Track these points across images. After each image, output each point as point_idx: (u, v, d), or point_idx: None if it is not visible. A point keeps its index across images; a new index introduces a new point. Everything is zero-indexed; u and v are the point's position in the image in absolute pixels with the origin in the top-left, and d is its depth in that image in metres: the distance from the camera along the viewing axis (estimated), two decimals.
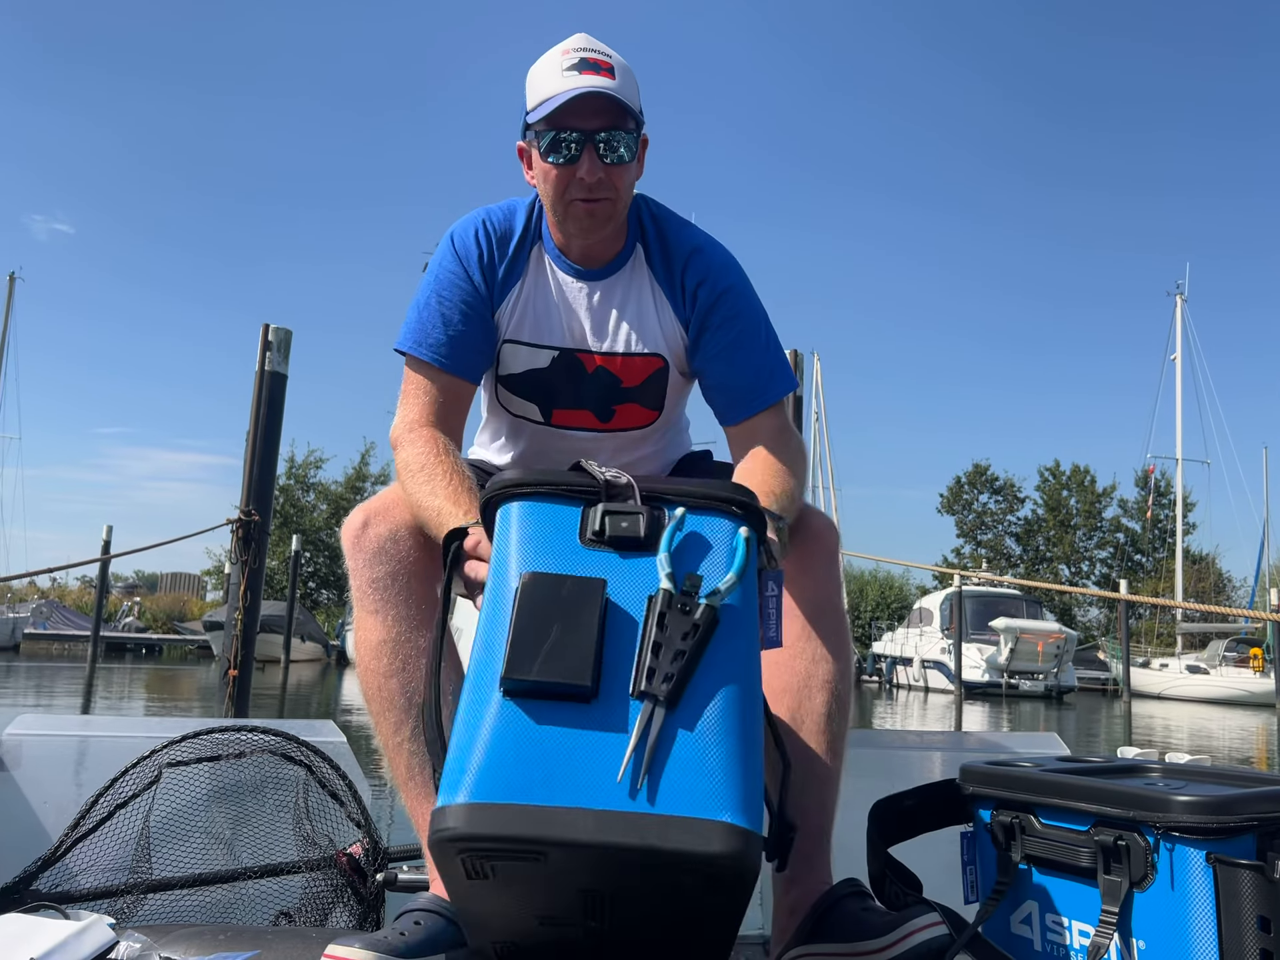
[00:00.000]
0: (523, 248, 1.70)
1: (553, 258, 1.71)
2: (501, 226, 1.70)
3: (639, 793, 1.00)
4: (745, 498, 1.18)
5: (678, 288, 1.70)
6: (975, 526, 48.31)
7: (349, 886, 1.80)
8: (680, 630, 1.06)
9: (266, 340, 6.07)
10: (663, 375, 1.74)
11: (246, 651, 5.89)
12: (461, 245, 1.69)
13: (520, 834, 0.98)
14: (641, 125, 1.62)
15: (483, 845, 0.99)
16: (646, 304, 1.71)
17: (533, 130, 1.60)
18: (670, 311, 1.71)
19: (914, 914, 1.27)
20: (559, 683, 1.03)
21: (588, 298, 1.71)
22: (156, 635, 37.83)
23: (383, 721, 1.54)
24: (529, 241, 1.71)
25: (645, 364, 1.72)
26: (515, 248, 1.70)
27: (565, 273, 1.71)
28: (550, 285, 1.71)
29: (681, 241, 1.71)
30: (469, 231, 1.70)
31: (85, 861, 1.74)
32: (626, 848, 0.98)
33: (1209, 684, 27.65)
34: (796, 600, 1.55)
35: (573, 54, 1.57)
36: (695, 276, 1.69)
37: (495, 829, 0.98)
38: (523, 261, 1.70)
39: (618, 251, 1.70)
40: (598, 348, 1.72)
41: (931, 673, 28.38)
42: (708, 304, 1.68)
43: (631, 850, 0.98)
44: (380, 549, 1.53)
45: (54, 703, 12.88)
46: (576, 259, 1.70)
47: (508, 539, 1.16)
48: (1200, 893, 1.17)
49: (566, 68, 1.55)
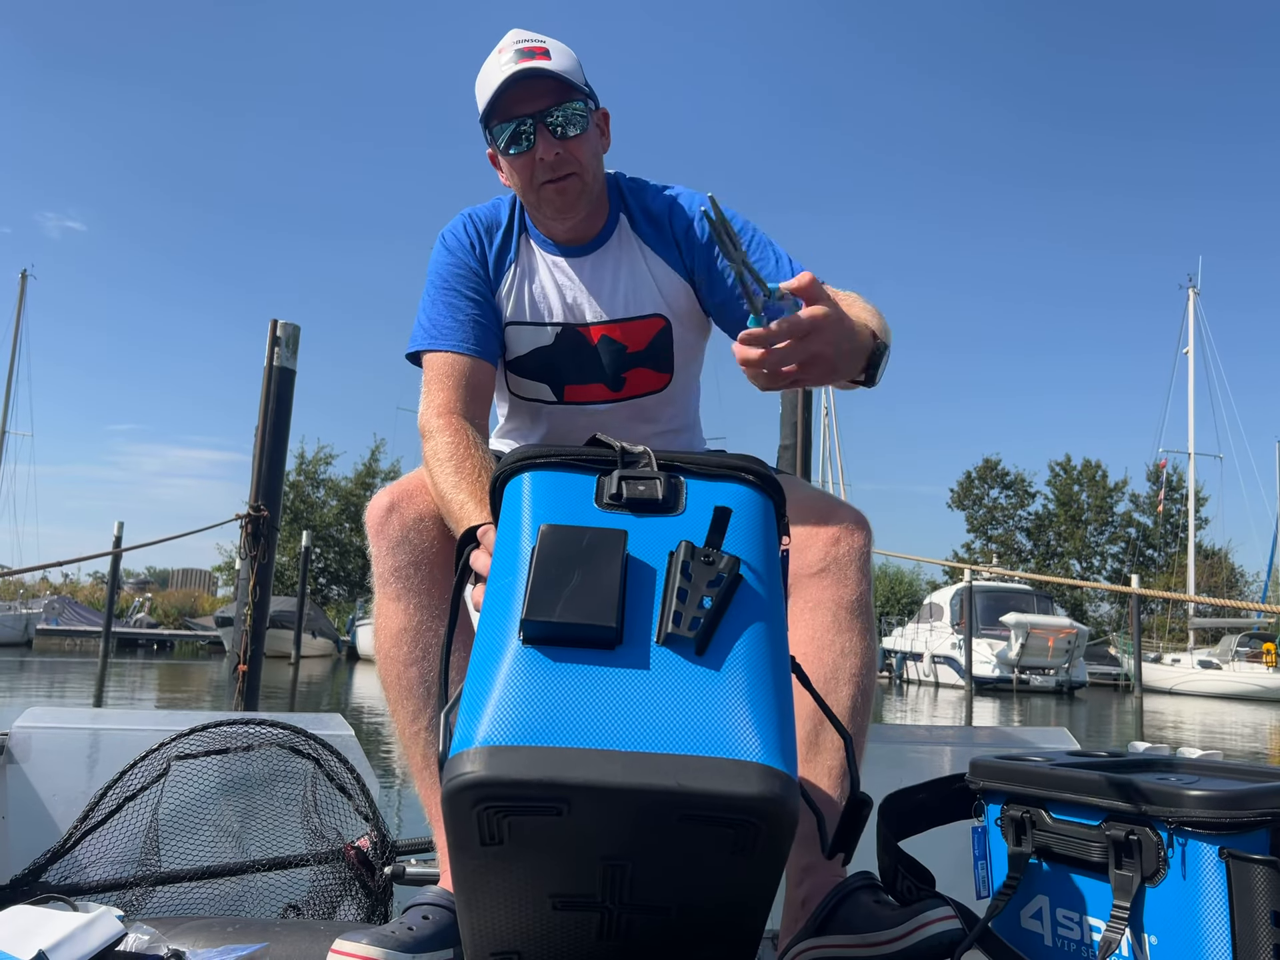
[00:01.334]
0: (510, 237, 1.76)
1: (540, 244, 1.76)
2: (488, 219, 1.77)
3: (669, 736, 0.94)
4: (760, 468, 1.17)
5: (669, 241, 1.74)
6: (986, 522, 48.21)
7: (357, 880, 1.80)
8: (705, 578, 1.03)
9: (275, 336, 6.07)
10: (667, 335, 1.76)
11: (256, 647, 5.91)
12: (453, 239, 1.75)
13: (543, 777, 0.91)
14: (591, 97, 1.66)
15: (502, 791, 0.92)
16: (639, 268, 1.74)
17: (489, 131, 1.65)
18: (666, 269, 1.74)
19: (926, 906, 1.27)
20: (582, 624, 0.98)
21: (580, 272, 1.74)
22: (168, 631, 38.00)
23: (400, 709, 1.54)
24: (515, 231, 1.76)
25: (647, 326, 1.74)
26: (503, 237, 1.76)
27: (555, 254, 1.75)
28: (541, 267, 1.75)
29: (660, 199, 1.76)
30: (458, 226, 1.77)
31: (94, 854, 1.74)
32: (657, 790, 0.91)
33: (1221, 679, 27.55)
34: (828, 593, 1.54)
35: (507, 50, 1.61)
36: (682, 221, 1.73)
37: (516, 772, 0.91)
38: (511, 249, 1.76)
39: (601, 226, 1.74)
40: (597, 318, 1.74)
41: (942, 668, 28.34)
42: (703, 237, 1.72)
43: (662, 793, 0.91)
44: (404, 536, 1.53)
45: (66, 698, 12.95)
46: (563, 240, 1.74)
47: (519, 505, 1.12)
48: (1213, 888, 1.16)
49: (504, 63, 1.60)
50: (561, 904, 1.05)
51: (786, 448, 6.57)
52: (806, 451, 6.58)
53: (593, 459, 1.15)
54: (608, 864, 1.00)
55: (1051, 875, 1.35)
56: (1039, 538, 47.31)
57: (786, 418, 6.58)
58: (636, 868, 1.00)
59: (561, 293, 1.74)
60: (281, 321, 6.12)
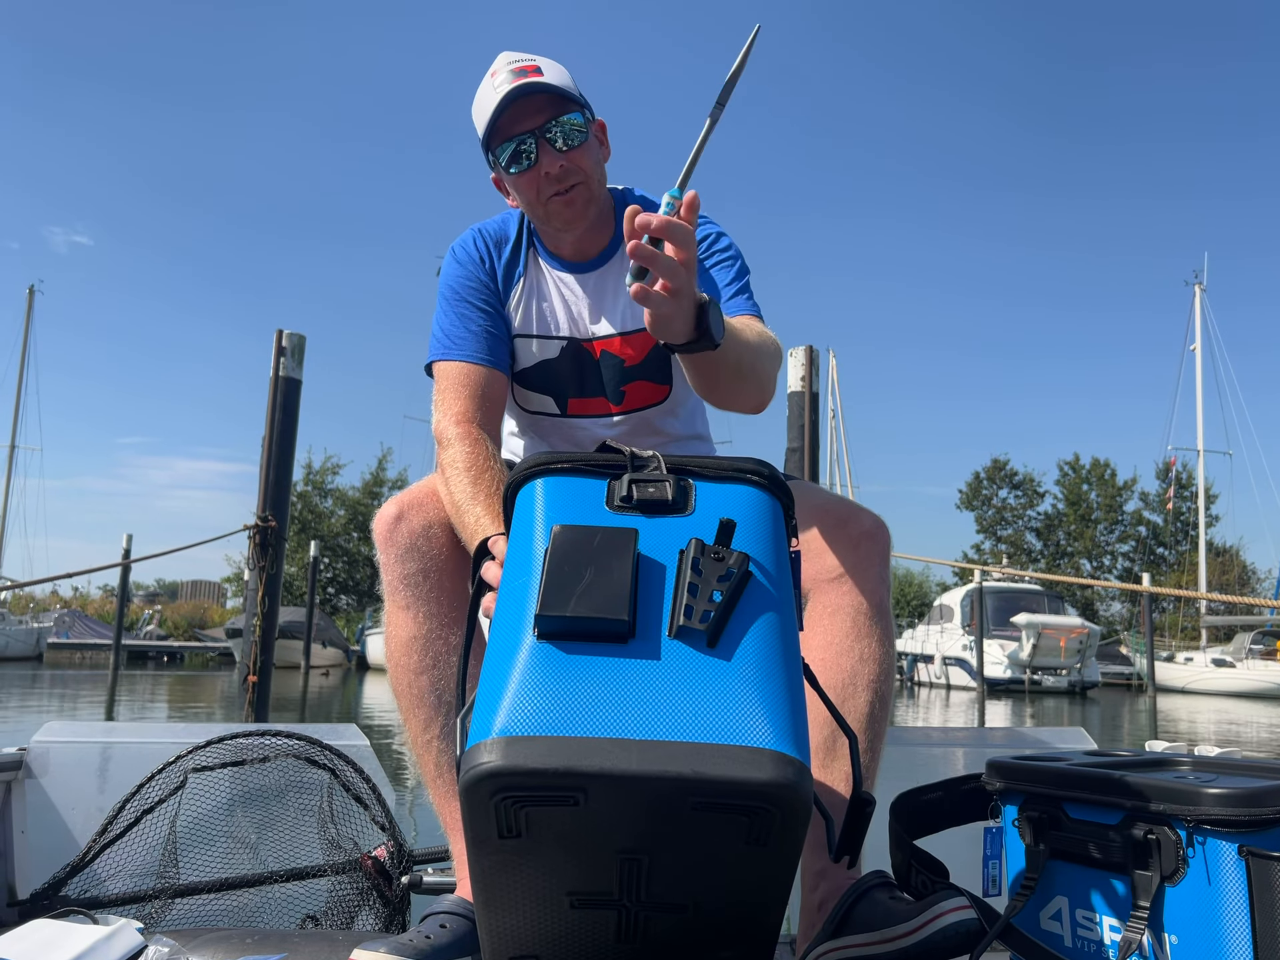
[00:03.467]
0: (518, 251, 1.78)
1: (548, 260, 1.78)
2: (497, 234, 1.80)
3: (682, 724, 0.96)
4: (769, 470, 1.18)
5: None
6: (995, 522, 48.09)
7: (374, 889, 1.80)
8: (716, 574, 1.04)
9: (280, 346, 6.10)
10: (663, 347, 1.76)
11: (266, 657, 5.92)
12: (463, 253, 1.77)
13: (560, 766, 0.92)
14: (587, 108, 1.68)
15: (519, 780, 0.93)
16: None
17: (492, 153, 1.67)
18: None
19: (941, 898, 1.27)
20: (595, 618, 1.00)
21: (584, 288, 1.76)
22: (178, 643, 38.04)
23: (412, 718, 1.54)
24: (524, 246, 1.79)
25: (644, 339, 1.74)
26: (511, 251, 1.78)
27: (561, 270, 1.77)
28: (549, 282, 1.77)
29: None
30: (467, 241, 1.79)
31: (113, 867, 1.75)
32: (671, 777, 0.92)
33: (1235, 677, 27.42)
34: (846, 598, 1.54)
35: (500, 72, 1.63)
36: None
37: (533, 761, 0.92)
38: (520, 264, 1.78)
39: (607, 243, 1.76)
40: (599, 333, 1.76)
41: (953, 670, 28.26)
42: (703, 251, 1.73)
43: (676, 780, 0.92)
44: (413, 545, 1.54)
45: (78, 710, 12.98)
46: (570, 257, 1.76)
47: (532, 510, 1.14)
48: (1233, 886, 1.16)
49: (498, 85, 1.62)
50: (579, 902, 1.06)
51: (794, 451, 6.57)
52: (814, 454, 6.58)
53: (603, 464, 1.17)
54: (624, 858, 1.01)
55: (1070, 876, 1.34)
56: (1049, 538, 47.17)
57: (793, 421, 6.58)
58: (652, 861, 1.01)
59: (568, 308, 1.76)
60: (287, 331, 6.15)
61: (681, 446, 1.88)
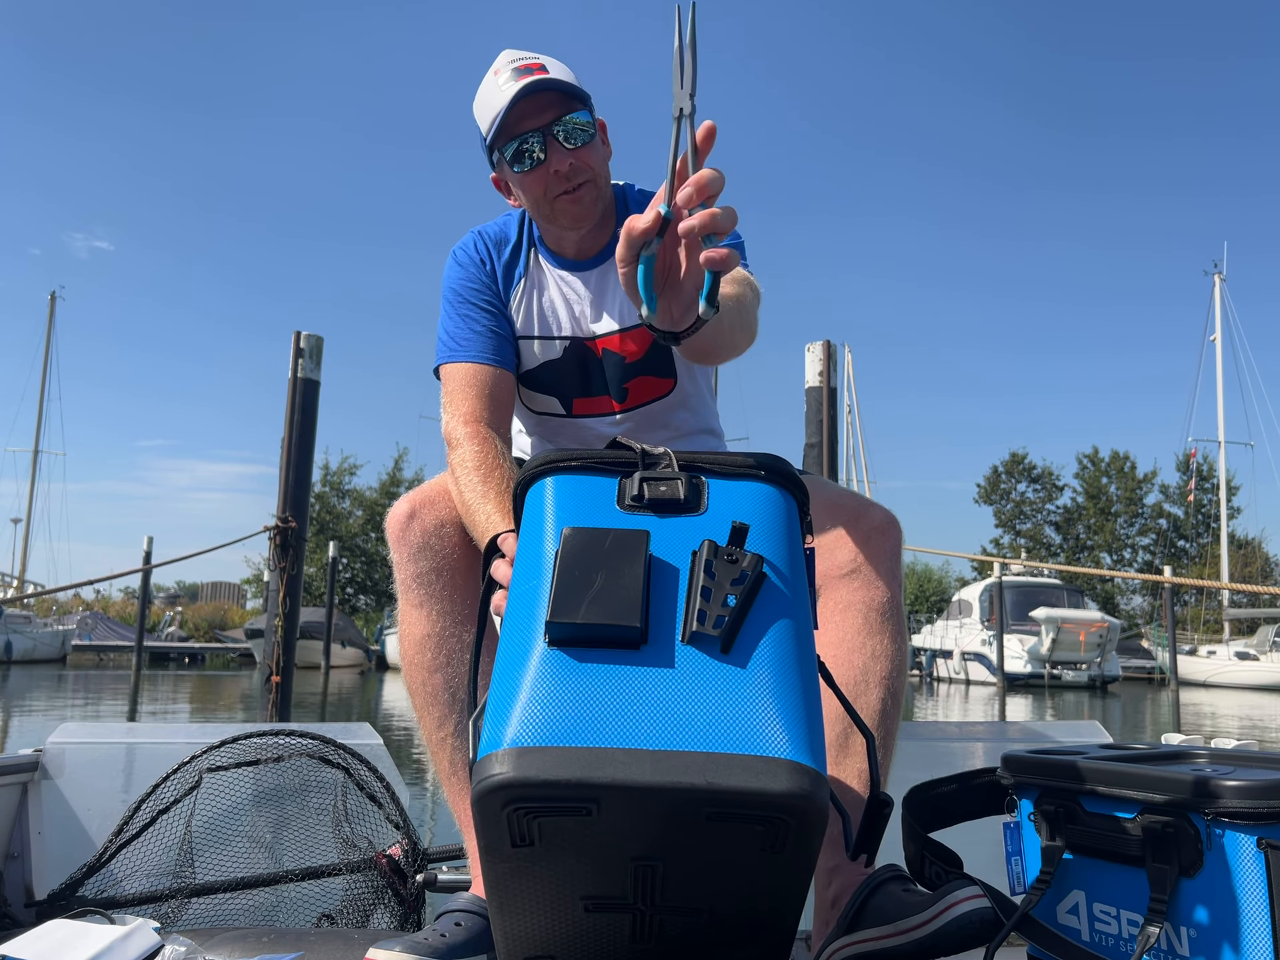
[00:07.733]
0: (519, 252, 1.78)
1: (549, 259, 1.77)
2: (497, 235, 1.79)
3: (697, 733, 0.94)
4: (784, 467, 1.17)
5: None
6: (1014, 516, 47.84)
7: (389, 888, 1.81)
8: (729, 577, 1.02)
9: (298, 347, 6.12)
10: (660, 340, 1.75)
11: (287, 657, 5.95)
12: (464, 255, 1.78)
13: (572, 777, 0.91)
14: (590, 106, 1.66)
15: (531, 792, 0.92)
16: None
17: (497, 151, 1.66)
18: None
19: (954, 887, 1.26)
20: (607, 624, 0.98)
21: (585, 287, 1.75)
22: (199, 644, 38.29)
23: (426, 716, 1.54)
24: (524, 246, 1.78)
25: (643, 334, 1.74)
26: (512, 252, 1.78)
27: (562, 269, 1.76)
28: (550, 281, 1.77)
29: None
30: (468, 243, 1.79)
31: (130, 867, 1.76)
32: (685, 788, 0.91)
33: (1259, 670, 27.19)
34: (858, 594, 1.53)
35: (503, 70, 1.62)
36: None
37: (545, 772, 0.91)
38: (520, 264, 1.77)
39: (608, 240, 1.75)
40: (600, 331, 1.75)
41: (972, 665, 28.13)
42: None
43: (691, 791, 0.91)
44: (425, 543, 1.54)
45: (100, 711, 13.08)
46: (572, 256, 1.75)
47: (542, 509, 1.12)
48: (1252, 879, 1.14)
49: (503, 83, 1.60)
50: (593, 906, 1.05)
51: (812, 446, 6.55)
52: (833, 449, 6.56)
53: (614, 461, 1.15)
54: (638, 864, 0.99)
55: (1087, 869, 1.33)
56: (1068, 531, 46.88)
57: (811, 416, 6.56)
58: (667, 868, 1.00)
59: (569, 307, 1.75)
60: (304, 333, 6.17)
61: (691, 442, 1.87)
